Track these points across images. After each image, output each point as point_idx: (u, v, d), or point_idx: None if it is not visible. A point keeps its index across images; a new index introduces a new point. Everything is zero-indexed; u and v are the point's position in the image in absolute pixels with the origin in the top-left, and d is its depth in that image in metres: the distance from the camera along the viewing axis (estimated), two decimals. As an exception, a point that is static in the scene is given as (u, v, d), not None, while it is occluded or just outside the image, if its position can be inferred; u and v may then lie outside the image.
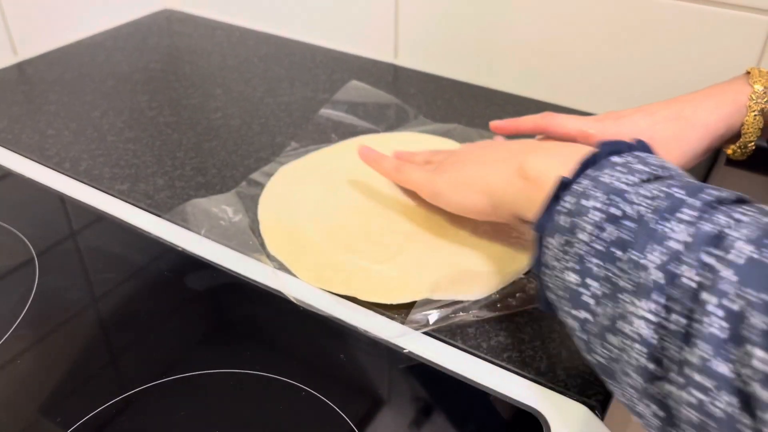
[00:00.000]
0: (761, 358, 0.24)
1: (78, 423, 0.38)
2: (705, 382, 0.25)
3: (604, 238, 0.31)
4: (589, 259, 0.31)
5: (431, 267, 0.47)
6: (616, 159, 0.34)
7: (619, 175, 0.33)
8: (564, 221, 0.33)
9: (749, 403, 0.24)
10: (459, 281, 0.46)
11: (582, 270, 0.32)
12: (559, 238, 0.33)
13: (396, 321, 0.44)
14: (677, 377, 0.26)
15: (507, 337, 0.43)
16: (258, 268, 0.48)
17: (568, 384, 0.40)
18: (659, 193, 0.30)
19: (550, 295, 0.35)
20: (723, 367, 0.25)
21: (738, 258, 0.26)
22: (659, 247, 0.28)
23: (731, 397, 0.25)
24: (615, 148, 0.35)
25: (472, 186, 0.44)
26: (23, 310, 0.45)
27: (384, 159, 0.53)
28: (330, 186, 0.56)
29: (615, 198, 0.31)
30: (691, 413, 0.26)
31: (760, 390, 0.24)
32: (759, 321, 0.24)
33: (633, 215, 0.30)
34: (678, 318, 0.27)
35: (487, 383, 0.40)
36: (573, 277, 0.32)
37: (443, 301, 0.45)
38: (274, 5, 0.87)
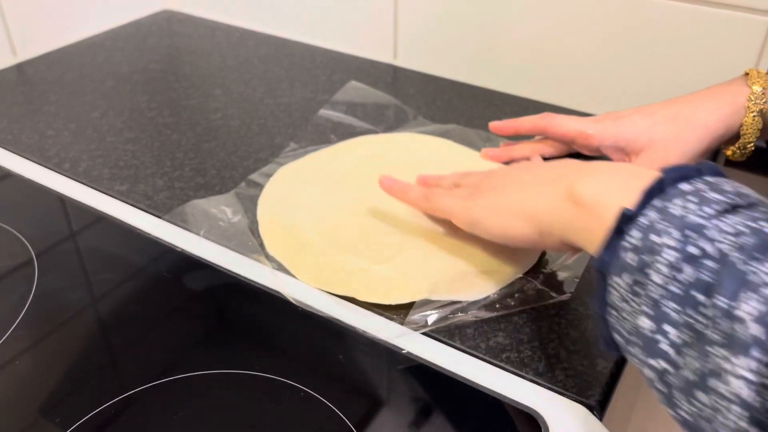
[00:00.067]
0: None
1: (77, 423, 0.38)
2: None
3: (681, 280, 0.28)
4: (666, 303, 0.28)
5: (430, 267, 0.47)
6: (685, 186, 0.30)
7: (693, 207, 0.29)
8: (631, 259, 0.30)
9: None
10: (458, 282, 0.46)
11: (657, 315, 0.28)
12: (627, 277, 0.30)
13: (395, 321, 0.44)
14: None
15: (506, 338, 0.43)
16: (257, 268, 0.48)
17: (566, 384, 0.40)
18: (744, 229, 0.27)
19: (617, 338, 0.32)
20: None
21: None
22: (755, 296, 0.25)
23: None
24: (682, 173, 0.31)
25: (514, 212, 0.41)
26: (22, 310, 0.45)
27: (410, 188, 0.50)
28: (329, 187, 0.56)
29: (691, 234, 0.28)
30: None
31: None
32: None
33: (714, 255, 0.27)
34: None
35: (486, 384, 0.40)
36: (647, 323, 0.29)
37: (442, 302, 0.45)
38: (273, 6, 0.87)
